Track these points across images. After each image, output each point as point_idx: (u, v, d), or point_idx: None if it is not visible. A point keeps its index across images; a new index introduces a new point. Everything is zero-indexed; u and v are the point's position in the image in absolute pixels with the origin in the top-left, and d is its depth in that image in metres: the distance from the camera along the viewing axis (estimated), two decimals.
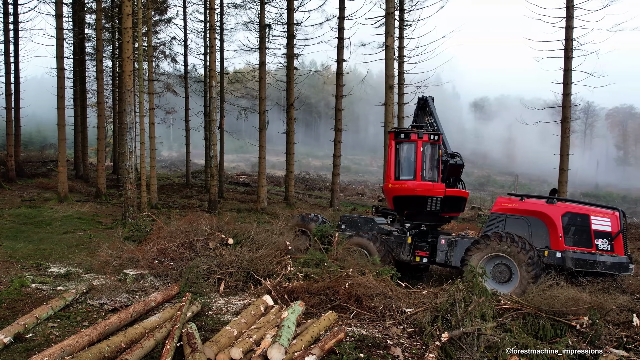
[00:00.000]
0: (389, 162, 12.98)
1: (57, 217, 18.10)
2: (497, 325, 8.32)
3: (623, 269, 10.63)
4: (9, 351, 7.13)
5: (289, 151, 27.15)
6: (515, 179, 68.49)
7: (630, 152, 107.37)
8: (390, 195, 12.87)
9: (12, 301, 9.27)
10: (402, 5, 25.71)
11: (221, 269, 10.72)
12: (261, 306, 9.13)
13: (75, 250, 13.71)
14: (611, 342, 8.18)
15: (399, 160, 12.82)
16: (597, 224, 10.86)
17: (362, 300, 9.68)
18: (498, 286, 10.60)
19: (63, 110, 21.52)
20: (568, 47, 19.96)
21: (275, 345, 6.94)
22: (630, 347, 8.02)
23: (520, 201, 11.83)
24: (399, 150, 12.83)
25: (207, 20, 31.67)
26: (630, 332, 8.47)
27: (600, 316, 8.54)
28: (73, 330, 8.04)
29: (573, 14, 19.73)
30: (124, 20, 15.89)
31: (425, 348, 8.03)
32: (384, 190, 13.32)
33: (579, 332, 8.40)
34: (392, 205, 12.99)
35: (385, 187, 13.21)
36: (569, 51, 19.92)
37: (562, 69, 20.29)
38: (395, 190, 12.74)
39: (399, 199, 12.82)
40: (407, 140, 12.80)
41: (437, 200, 12.68)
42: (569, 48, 19.91)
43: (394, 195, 12.81)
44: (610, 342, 8.20)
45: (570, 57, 19.93)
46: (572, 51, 19.89)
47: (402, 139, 12.80)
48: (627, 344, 8.09)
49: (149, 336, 7.42)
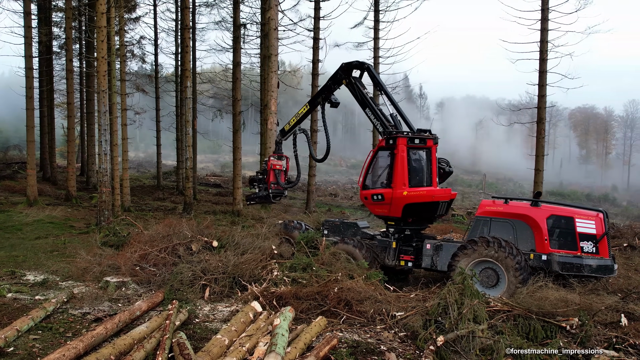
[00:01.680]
0: (400, 169, 12.18)
1: (28, 222, 17.49)
2: (489, 327, 8.33)
3: (608, 272, 10.78)
4: None
5: (264, 152, 26.84)
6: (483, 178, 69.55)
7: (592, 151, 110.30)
8: (402, 203, 12.18)
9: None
10: (377, 6, 25.73)
11: (206, 274, 10.48)
12: (250, 313, 8.94)
13: (50, 256, 13.24)
14: (601, 343, 8.26)
15: (413, 166, 12.48)
16: (582, 227, 10.97)
17: (352, 304, 9.57)
18: (485, 290, 10.60)
19: (32, 111, 20.79)
20: (543, 49, 20.23)
21: (272, 355, 6.78)
22: (620, 347, 8.11)
23: (505, 204, 11.87)
24: (411, 156, 12.45)
25: (179, 19, 31.25)
26: (619, 332, 8.57)
27: (590, 317, 8.64)
28: (57, 343, 7.75)
29: (548, 17, 20.01)
30: (98, 18, 15.40)
31: (419, 352, 7.98)
32: (384, 198, 12.41)
33: (569, 333, 8.47)
34: (399, 213, 12.32)
35: (396, 195, 12.18)
36: (544, 53, 20.19)
37: (538, 70, 20.55)
38: (412, 197, 12.23)
39: (413, 206, 12.35)
40: (424, 145, 12.64)
41: (445, 205, 12.79)
42: (544, 50, 20.19)
43: (408, 203, 12.24)
44: (600, 342, 8.28)
45: (545, 59, 20.20)
46: (547, 53, 20.16)
47: (417, 144, 12.51)
48: (617, 344, 8.18)
49: (138, 347, 7.19)
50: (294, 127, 14.77)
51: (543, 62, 20.33)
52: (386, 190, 12.38)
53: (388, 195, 12.30)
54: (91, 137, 28.02)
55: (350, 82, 13.66)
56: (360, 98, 13.54)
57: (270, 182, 15.19)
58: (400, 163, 12.18)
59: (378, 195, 12.47)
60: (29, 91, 20.64)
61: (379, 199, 12.44)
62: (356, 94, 13.62)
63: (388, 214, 12.55)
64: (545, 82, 20.33)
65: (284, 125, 15.06)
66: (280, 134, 15.21)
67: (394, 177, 12.27)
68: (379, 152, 12.81)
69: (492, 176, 75.67)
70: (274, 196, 15.28)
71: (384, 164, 12.73)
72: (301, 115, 14.59)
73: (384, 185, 12.59)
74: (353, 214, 27.28)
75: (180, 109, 31.29)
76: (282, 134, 15.08)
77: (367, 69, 13.75)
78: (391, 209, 12.36)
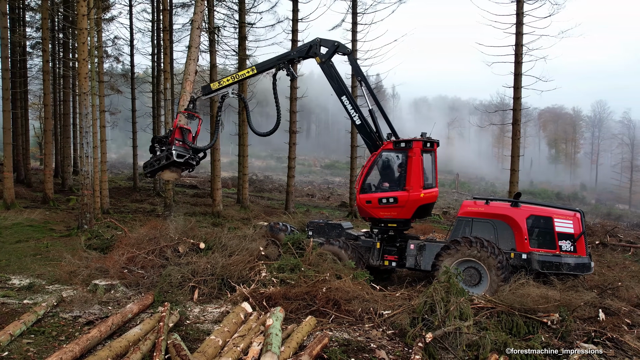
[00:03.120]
0: (416, 172, 12.35)
1: (7, 225, 17.26)
2: (474, 324, 8.63)
3: (586, 269, 11.21)
4: None
5: (242, 153, 26.91)
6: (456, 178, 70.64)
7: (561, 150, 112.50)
8: (417, 205, 12.39)
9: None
10: (355, 9, 26.01)
11: (195, 276, 10.59)
12: (241, 313, 9.09)
13: (33, 260, 13.14)
14: (581, 337, 8.63)
15: (425, 169, 12.71)
16: (560, 226, 11.39)
17: (340, 304, 9.78)
18: (468, 289, 10.89)
19: (9, 113, 20.52)
20: (518, 52, 20.78)
21: (269, 354, 6.95)
22: (599, 341, 8.50)
23: (486, 205, 12.23)
24: (423, 159, 12.70)
25: (156, 20, 31.09)
26: (597, 326, 8.97)
27: (569, 312, 9.01)
28: (51, 346, 7.79)
29: (523, 21, 20.59)
30: (79, 20, 15.28)
31: (408, 349, 8.23)
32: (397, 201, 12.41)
33: (550, 328, 8.84)
34: (410, 215, 12.49)
35: (412, 197, 12.33)
36: (519, 56, 20.75)
37: (513, 73, 21.10)
38: (426, 199, 12.58)
39: (424, 207, 12.67)
40: (431, 149, 12.99)
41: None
42: (519, 53, 20.74)
43: (422, 204, 12.52)
44: (580, 336, 8.65)
45: (520, 62, 20.76)
46: (522, 56, 20.72)
47: (428, 148, 12.80)
48: (596, 338, 8.56)
49: (134, 349, 7.28)
50: (227, 87, 13.39)
51: (518, 65, 20.89)
52: (400, 192, 12.44)
53: (403, 197, 12.39)
54: (66, 138, 27.71)
55: (328, 64, 13.04)
56: (337, 84, 13.06)
57: (175, 138, 13.30)
58: (416, 166, 12.37)
59: (389, 198, 12.44)
60: (5, 93, 20.36)
61: (389, 202, 12.41)
62: (333, 79, 13.05)
63: (397, 216, 12.58)
64: (520, 85, 20.90)
65: (211, 83, 13.57)
66: (202, 90, 13.57)
67: (411, 179, 12.39)
68: (383, 155, 12.76)
69: (464, 175, 76.77)
70: (178, 155, 13.07)
71: (392, 167, 12.83)
72: (240, 77, 13.46)
73: (396, 188, 12.59)
74: (332, 214, 27.53)
75: (157, 109, 31.13)
76: (204, 91, 13.55)
77: (349, 54, 13.28)
78: (403, 211, 12.48)
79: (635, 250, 19.80)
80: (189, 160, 13.44)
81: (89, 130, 15.63)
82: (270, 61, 13.47)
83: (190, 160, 13.46)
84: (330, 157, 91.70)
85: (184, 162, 13.39)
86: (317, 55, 13.07)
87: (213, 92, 13.38)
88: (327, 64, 13.05)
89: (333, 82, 13.13)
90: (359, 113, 12.98)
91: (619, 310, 9.72)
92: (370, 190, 12.74)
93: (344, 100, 13.01)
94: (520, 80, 20.83)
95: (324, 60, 13.02)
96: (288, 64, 13.19)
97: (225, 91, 13.35)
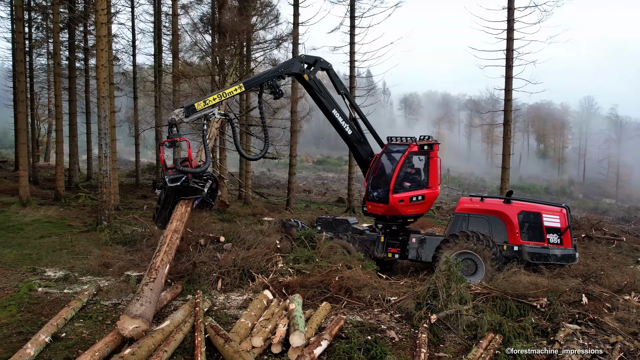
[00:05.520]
0: (436, 171, 14.00)
1: (27, 222, 18.17)
2: (472, 307, 9.78)
3: (571, 260, 12.44)
4: (52, 349, 7.82)
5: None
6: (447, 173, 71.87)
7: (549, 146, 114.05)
8: (434, 201, 14.39)
9: (28, 304, 9.83)
10: (353, 13, 27.03)
11: (220, 268, 11.61)
12: (264, 300, 10.14)
13: (61, 254, 14.09)
14: (566, 318, 9.77)
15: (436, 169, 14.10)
16: (548, 221, 12.61)
17: (352, 291, 10.86)
18: (466, 278, 12.09)
19: (24, 114, 21.38)
20: (509, 56, 21.94)
21: (297, 333, 8.02)
22: (582, 322, 9.65)
23: (481, 202, 13.44)
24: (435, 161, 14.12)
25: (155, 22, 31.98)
26: (581, 309, 10.12)
27: (556, 297, 10.16)
28: (99, 329, 8.78)
29: (513, 27, 21.74)
30: (98, 28, 16.21)
31: (414, 330, 9.34)
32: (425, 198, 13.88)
33: (539, 311, 9.98)
34: (428, 210, 14.36)
35: (434, 194, 14.13)
36: (510, 60, 21.90)
37: (504, 76, 22.26)
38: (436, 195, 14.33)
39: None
40: (436, 150, 14.22)
41: None
42: (510, 57, 21.89)
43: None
44: (565, 318, 9.79)
45: (511, 66, 21.91)
46: (512, 60, 21.90)
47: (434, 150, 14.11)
48: (579, 319, 9.71)
49: (177, 330, 8.33)
50: (213, 107, 12.11)
51: (509, 69, 22.05)
52: (426, 190, 13.95)
53: (430, 195, 14.00)
54: (73, 137, 28.55)
55: (314, 81, 13.66)
56: (326, 99, 13.89)
57: (167, 169, 11.97)
58: (436, 166, 13.99)
59: (418, 196, 13.76)
60: (20, 95, 21.23)
61: (419, 199, 13.74)
62: (321, 94, 13.78)
63: (419, 212, 14.13)
64: (510, 87, 22.08)
65: (195, 102, 11.93)
66: (184, 111, 11.75)
67: (434, 178, 14.03)
68: (410, 157, 13.91)
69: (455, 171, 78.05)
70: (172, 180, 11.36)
71: (415, 168, 14.13)
72: (227, 95, 12.49)
73: (420, 186, 13.96)
74: (330, 210, 28.59)
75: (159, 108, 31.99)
76: (187, 112, 11.75)
77: (330, 69, 14.11)
78: (425, 207, 14.06)
79: (619, 243, 21.07)
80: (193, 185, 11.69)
81: (107, 132, 16.57)
82: (258, 78, 13.36)
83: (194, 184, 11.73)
84: (322, 153, 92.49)
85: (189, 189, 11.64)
86: (304, 72, 13.61)
87: (197, 113, 11.90)
88: (314, 82, 13.86)
89: (321, 100, 13.93)
90: (349, 123, 14.15)
91: (601, 295, 10.86)
92: (401, 190, 13.73)
93: (335, 114, 14.00)
94: (511, 83, 22.00)
95: (312, 76, 13.77)
96: (275, 80, 13.23)
97: (210, 111, 12.06)
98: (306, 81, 13.75)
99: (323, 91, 13.93)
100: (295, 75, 13.73)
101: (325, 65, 14.00)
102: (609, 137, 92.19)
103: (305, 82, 13.82)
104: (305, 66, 13.75)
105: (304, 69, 13.67)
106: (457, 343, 8.98)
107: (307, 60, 13.83)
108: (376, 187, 14.09)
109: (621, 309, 10.33)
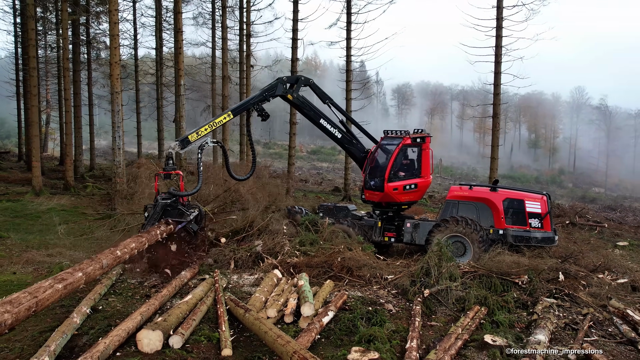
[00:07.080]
0: (429, 162, 15.27)
1: (43, 210, 19.18)
2: (461, 284, 10.97)
3: (550, 242, 13.70)
4: (92, 319, 8.92)
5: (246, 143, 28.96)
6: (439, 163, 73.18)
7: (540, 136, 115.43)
8: (427, 189, 15.82)
9: None
10: (349, 9, 28.04)
11: (232, 252, 12.74)
12: (274, 278, 11.28)
13: (82, 240, 15.19)
14: (544, 293, 10.97)
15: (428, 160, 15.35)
16: (530, 207, 13.84)
17: (353, 270, 11.96)
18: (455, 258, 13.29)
19: (36, 108, 22.36)
20: (498, 53, 23.03)
21: (307, 304, 9.18)
22: (558, 296, 10.87)
23: (470, 190, 14.67)
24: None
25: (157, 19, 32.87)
26: (557, 285, 11.34)
27: (536, 275, 11.38)
28: (130, 303, 9.85)
29: (502, 25, 22.86)
30: (111, 27, 17.19)
31: (409, 304, 10.51)
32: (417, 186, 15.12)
33: (520, 287, 11.19)
34: (421, 197, 15.69)
35: (426, 183, 15.36)
36: (499, 56, 23.00)
37: (493, 72, 23.35)
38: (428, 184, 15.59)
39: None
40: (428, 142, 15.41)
41: None
42: (499, 54, 23.00)
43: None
44: (544, 293, 10.99)
45: (500, 62, 23.03)
46: (501, 57, 23.03)
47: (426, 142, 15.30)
48: (556, 294, 10.93)
49: (201, 303, 9.46)
50: (205, 137, 12.99)
51: (498, 65, 23.17)
52: (419, 179, 15.17)
53: (422, 184, 15.23)
54: (78, 129, 29.46)
55: (299, 98, 14.60)
56: (312, 112, 14.92)
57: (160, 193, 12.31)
58: (428, 157, 15.22)
59: (411, 185, 15.01)
60: (33, 89, 22.17)
61: (412, 187, 14.98)
62: (308, 109, 14.78)
63: (413, 199, 15.35)
64: (499, 82, 23.24)
65: (189, 134, 12.79)
66: (179, 145, 12.63)
67: (426, 168, 15.29)
68: (404, 149, 15.08)
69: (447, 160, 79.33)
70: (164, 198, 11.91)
71: (408, 159, 15.29)
72: (217, 124, 13.35)
73: (413, 176, 15.15)
74: (327, 198, 29.74)
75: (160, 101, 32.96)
76: (182, 145, 12.63)
77: (312, 84, 14.94)
78: (418, 195, 15.29)
79: (601, 229, 22.37)
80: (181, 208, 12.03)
81: (121, 125, 17.60)
82: (244, 104, 14.11)
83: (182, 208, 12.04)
84: (316, 143, 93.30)
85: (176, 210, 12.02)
86: (287, 92, 14.41)
87: (192, 144, 12.69)
88: (299, 99, 14.74)
89: (308, 113, 14.92)
90: (337, 128, 15.21)
91: (577, 274, 12.07)
92: (395, 179, 14.96)
93: (323, 123, 15.03)
94: (500, 78, 23.13)
95: (295, 94, 14.60)
96: (260, 104, 13.89)
97: (204, 141, 12.86)
98: (291, 100, 14.73)
99: (308, 106, 14.91)
100: (279, 96, 14.47)
101: (307, 82, 14.80)
102: (599, 127, 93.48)
103: (290, 102, 14.90)
104: (288, 86, 14.54)
105: (287, 89, 14.43)
106: (447, 314, 10.15)
107: (289, 81, 14.62)
108: (373, 176, 15.27)
109: (594, 286, 11.50)
